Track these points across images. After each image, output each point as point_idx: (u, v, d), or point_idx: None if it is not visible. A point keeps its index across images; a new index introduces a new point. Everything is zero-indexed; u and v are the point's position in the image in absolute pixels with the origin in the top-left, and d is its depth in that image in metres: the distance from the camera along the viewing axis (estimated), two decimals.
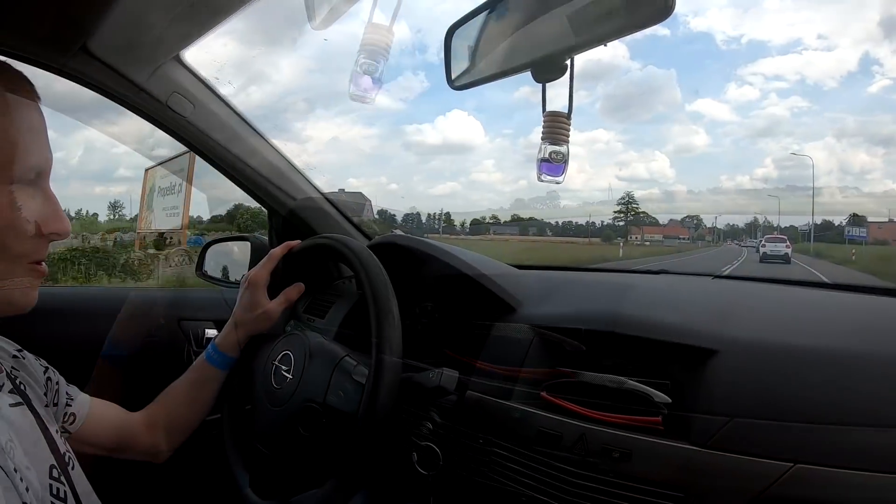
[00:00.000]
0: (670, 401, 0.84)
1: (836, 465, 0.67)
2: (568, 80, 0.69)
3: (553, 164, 0.70)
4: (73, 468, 0.78)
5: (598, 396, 0.89)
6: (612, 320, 0.95)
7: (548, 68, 0.70)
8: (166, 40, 1.08)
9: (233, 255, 1.75)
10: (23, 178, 0.67)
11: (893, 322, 0.93)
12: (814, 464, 0.68)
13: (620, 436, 0.81)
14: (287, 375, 0.99)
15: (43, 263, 0.71)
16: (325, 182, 1.50)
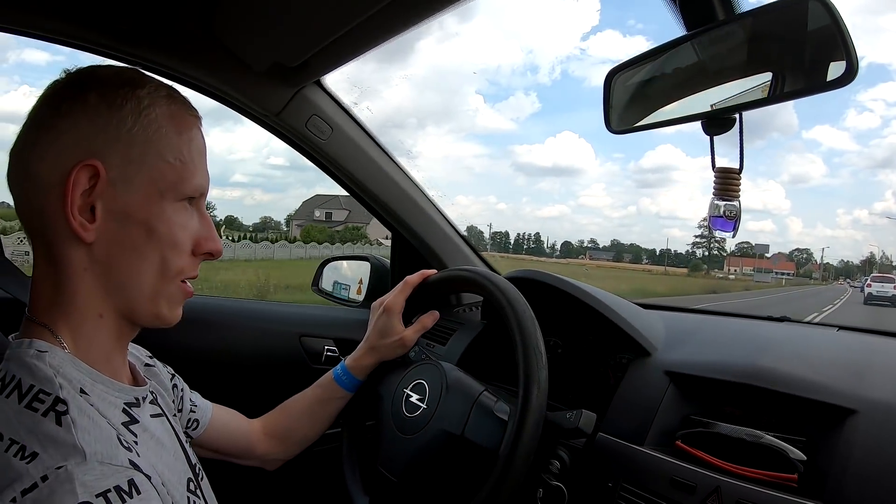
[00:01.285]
0: (805, 458, 0.83)
1: None
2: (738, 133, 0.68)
3: (727, 221, 0.69)
4: (202, 478, 0.79)
5: (732, 448, 0.88)
6: (753, 373, 0.94)
7: (719, 121, 0.69)
8: (312, 65, 1.11)
9: (349, 273, 1.80)
10: (188, 197, 0.69)
11: None
12: None
13: (755, 491, 0.81)
14: (420, 405, 0.99)
15: (189, 284, 0.72)
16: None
